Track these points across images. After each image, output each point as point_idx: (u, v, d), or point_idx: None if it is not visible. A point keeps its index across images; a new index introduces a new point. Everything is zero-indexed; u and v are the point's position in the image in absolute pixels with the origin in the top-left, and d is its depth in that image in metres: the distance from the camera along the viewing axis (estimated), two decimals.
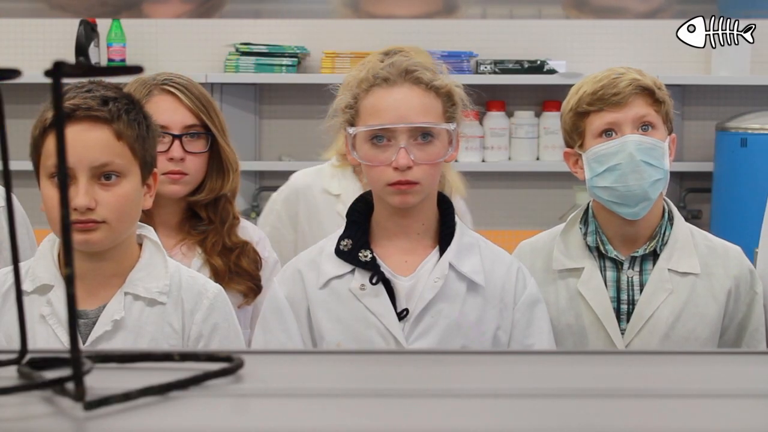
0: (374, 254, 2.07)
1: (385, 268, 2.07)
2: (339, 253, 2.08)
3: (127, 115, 1.90)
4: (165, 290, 1.98)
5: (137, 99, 1.99)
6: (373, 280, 2.05)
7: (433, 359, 1.14)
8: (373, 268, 2.06)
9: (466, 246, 2.10)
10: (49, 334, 1.94)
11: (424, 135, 2.02)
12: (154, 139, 1.99)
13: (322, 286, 2.08)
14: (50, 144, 1.92)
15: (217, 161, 2.44)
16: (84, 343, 1.91)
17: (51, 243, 2.02)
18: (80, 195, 1.86)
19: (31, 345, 0.99)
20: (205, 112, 2.41)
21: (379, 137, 2.03)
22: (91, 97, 1.89)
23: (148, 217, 2.33)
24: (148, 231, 2.04)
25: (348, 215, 2.12)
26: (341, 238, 2.09)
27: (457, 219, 2.12)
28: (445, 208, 2.12)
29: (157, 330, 1.96)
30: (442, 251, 2.08)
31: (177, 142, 2.39)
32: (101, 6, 2.40)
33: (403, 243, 2.09)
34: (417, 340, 2.04)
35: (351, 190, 2.65)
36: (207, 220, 2.43)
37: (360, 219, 2.11)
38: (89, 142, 1.87)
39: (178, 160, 2.39)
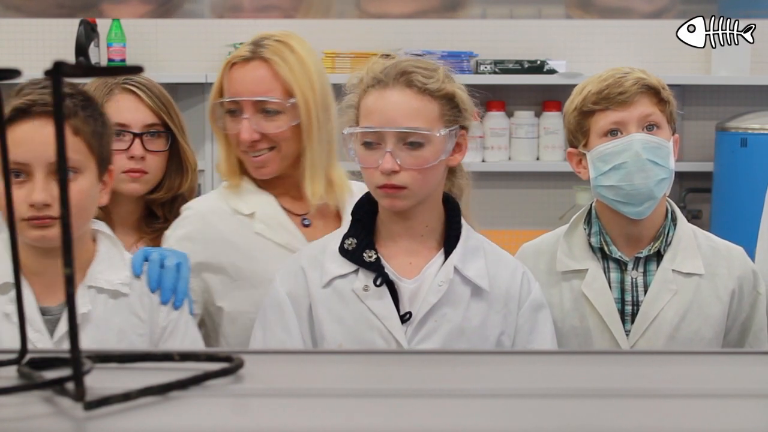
0: (378, 255, 2.06)
1: (390, 270, 2.04)
2: (343, 251, 2.06)
3: (83, 111, 1.90)
4: (127, 281, 1.99)
5: (93, 96, 1.98)
6: (377, 282, 2.03)
7: (433, 359, 1.14)
8: (377, 270, 2.04)
9: (472, 249, 2.08)
10: (15, 333, 1.93)
11: (415, 140, 2.00)
12: (110, 135, 1.99)
13: (325, 285, 2.06)
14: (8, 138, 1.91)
15: (176, 160, 2.46)
16: (51, 340, 1.91)
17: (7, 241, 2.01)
18: (37, 191, 1.85)
19: None
20: (165, 111, 2.44)
21: (370, 139, 2.02)
22: (48, 93, 1.89)
23: (106, 215, 2.36)
24: (101, 225, 2.04)
25: (353, 214, 2.11)
26: (345, 237, 2.07)
27: (463, 221, 2.11)
28: (451, 210, 2.10)
29: (123, 321, 1.96)
30: (447, 254, 2.06)
31: (137, 141, 2.42)
32: (58, 8, 2.40)
33: (408, 244, 2.07)
34: (419, 343, 2.02)
35: (265, 205, 2.31)
36: (163, 218, 2.45)
37: (365, 218, 2.08)
38: (46, 137, 1.87)
39: (139, 158, 2.42)
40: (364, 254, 2.05)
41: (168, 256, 2.05)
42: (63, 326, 1.93)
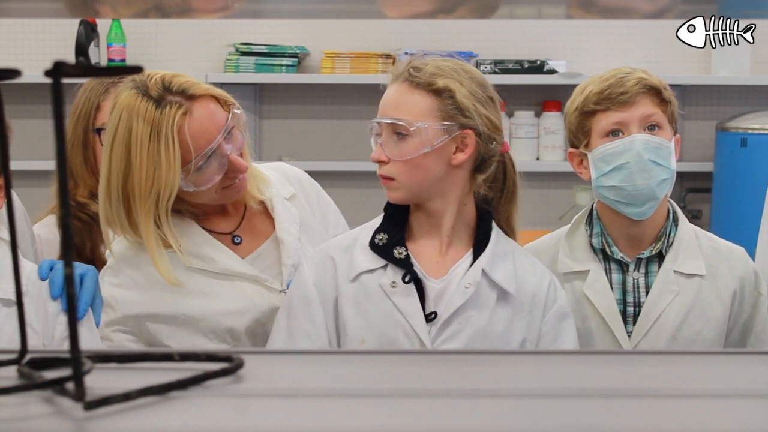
0: (408, 252, 2.04)
1: (418, 268, 2.04)
2: (373, 246, 2.05)
3: None
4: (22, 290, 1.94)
5: None
6: (406, 279, 2.02)
7: (435, 359, 1.14)
8: (406, 266, 2.03)
9: (501, 253, 2.07)
10: None
11: (399, 131, 2.01)
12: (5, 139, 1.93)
13: (353, 279, 2.05)
14: None
15: None
16: None
17: None
18: None
19: None
20: None
21: (375, 131, 2.05)
22: None
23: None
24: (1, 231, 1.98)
25: (385, 209, 2.10)
26: (377, 232, 2.06)
27: (494, 224, 2.10)
28: (482, 213, 2.10)
29: (15, 331, 1.90)
30: (475, 256, 2.05)
31: None
32: None
33: (436, 243, 2.06)
34: (443, 344, 2.00)
35: (191, 236, 2.19)
36: None
37: (397, 215, 2.08)
38: None
39: None
40: (395, 250, 2.04)
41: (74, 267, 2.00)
42: None
